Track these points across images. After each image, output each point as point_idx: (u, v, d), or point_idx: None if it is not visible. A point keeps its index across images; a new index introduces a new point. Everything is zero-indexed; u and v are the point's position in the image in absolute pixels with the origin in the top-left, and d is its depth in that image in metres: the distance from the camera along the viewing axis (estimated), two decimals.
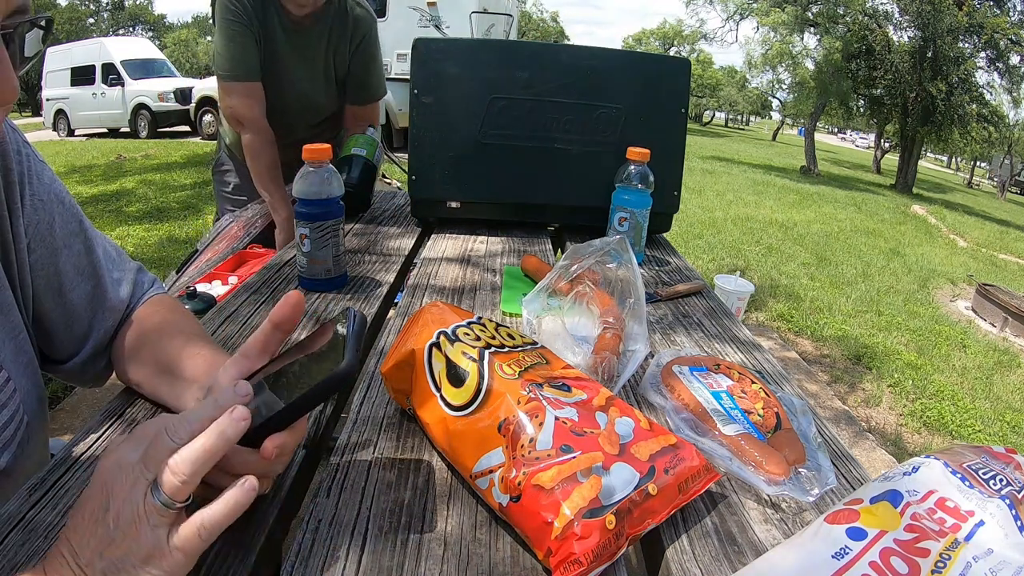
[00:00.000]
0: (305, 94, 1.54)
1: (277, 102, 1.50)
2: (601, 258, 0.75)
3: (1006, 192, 20.78)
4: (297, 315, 0.48)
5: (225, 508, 0.37)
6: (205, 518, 0.37)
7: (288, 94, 1.51)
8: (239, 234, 1.71)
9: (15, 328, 0.57)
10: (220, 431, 0.38)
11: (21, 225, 0.57)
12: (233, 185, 1.73)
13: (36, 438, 0.60)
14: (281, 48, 1.44)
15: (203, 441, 0.37)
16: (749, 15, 16.81)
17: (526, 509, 0.42)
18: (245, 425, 0.39)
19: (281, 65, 1.46)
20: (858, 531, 0.39)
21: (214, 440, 0.37)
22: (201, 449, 0.37)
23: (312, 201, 0.85)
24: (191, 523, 0.37)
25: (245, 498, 0.38)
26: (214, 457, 0.37)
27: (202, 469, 0.37)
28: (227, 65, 1.38)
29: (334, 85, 1.57)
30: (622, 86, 1.20)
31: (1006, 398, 3.09)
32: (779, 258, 5.14)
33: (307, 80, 1.52)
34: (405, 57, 7.93)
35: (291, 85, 1.50)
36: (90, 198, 5.52)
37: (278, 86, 1.48)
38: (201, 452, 0.37)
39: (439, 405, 0.51)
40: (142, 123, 11.07)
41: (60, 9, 29.37)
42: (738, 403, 0.60)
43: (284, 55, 1.45)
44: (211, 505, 0.37)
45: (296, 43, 1.46)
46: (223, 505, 0.37)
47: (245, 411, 0.39)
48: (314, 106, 1.58)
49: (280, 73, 1.47)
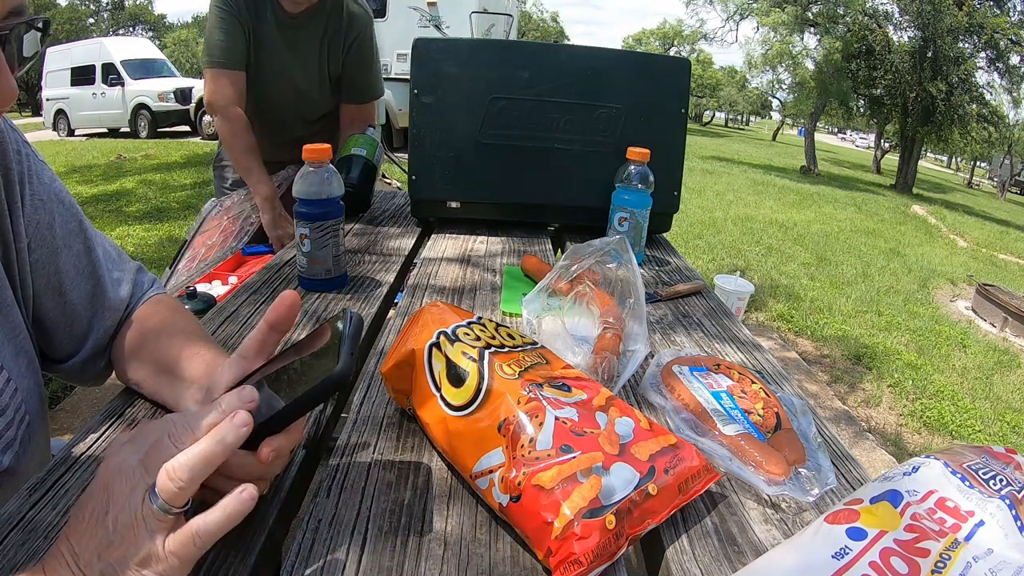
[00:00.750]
0: (299, 90, 1.54)
1: (271, 97, 1.51)
2: (601, 258, 0.75)
3: (1006, 192, 20.78)
4: (292, 315, 0.48)
5: (222, 517, 0.37)
6: (201, 526, 0.37)
7: (283, 89, 1.51)
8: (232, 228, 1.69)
9: (15, 328, 0.57)
10: (220, 437, 0.38)
11: (21, 224, 0.57)
12: (232, 180, 1.73)
13: (38, 437, 0.60)
14: (275, 43, 1.45)
15: (202, 447, 0.37)
16: (749, 15, 16.82)
17: (526, 509, 0.42)
18: (246, 432, 0.39)
19: (275, 60, 1.47)
20: (858, 531, 0.39)
21: (213, 447, 0.37)
22: (200, 455, 0.37)
23: (312, 201, 0.85)
24: (187, 530, 0.37)
25: (243, 508, 0.37)
26: (213, 463, 0.37)
27: (200, 475, 0.37)
28: (212, 52, 1.39)
29: (328, 82, 1.57)
30: (622, 86, 1.20)
31: (1006, 398, 3.09)
32: (779, 258, 5.14)
33: (302, 76, 1.52)
34: (405, 57, 7.93)
35: (286, 81, 1.51)
36: (90, 198, 5.52)
37: (272, 81, 1.49)
38: (199, 458, 0.37)
39: (439, 405, 0.51)
40: (142, 123, 11.07)
41: (60, 9, 29.36)
42: (738, 403, 0.60)
43: (278, 50, 1.46)
44: (208, 512, 0.37)
45: (290, 39, 1.46)
46: (220, 513, 0.37)
47: (247, 417, 0.39)
48: (309, 102, 1.59)
49: (274, 68, 1.48)
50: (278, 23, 1.43)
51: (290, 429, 0.43)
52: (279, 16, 1.43)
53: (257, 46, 1.44)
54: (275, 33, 1.44)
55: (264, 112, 1.51)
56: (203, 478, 0.37)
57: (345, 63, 1.55)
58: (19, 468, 0.56)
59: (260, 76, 1.47)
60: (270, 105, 1.51)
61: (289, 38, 1.46)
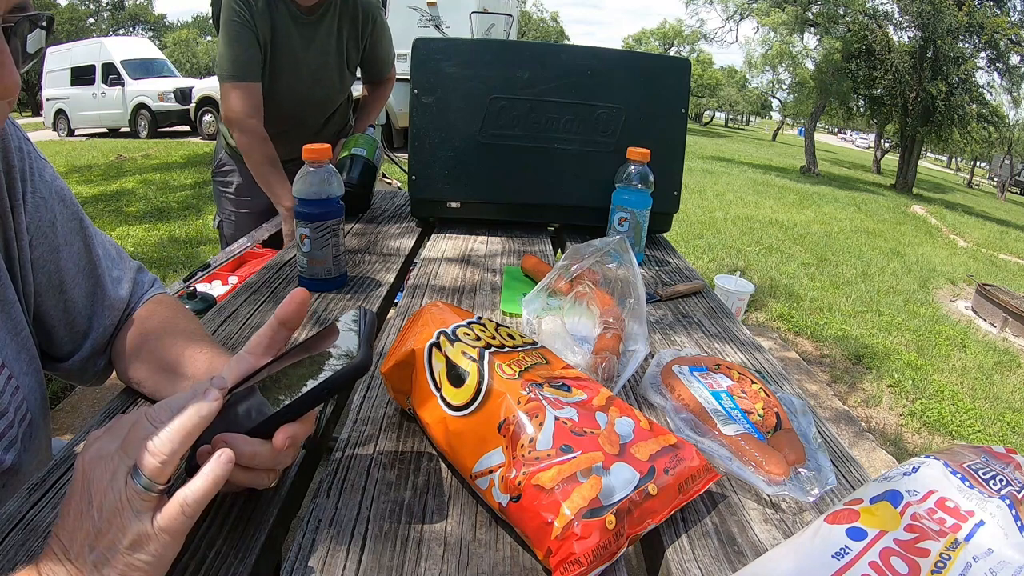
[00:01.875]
0: (319, 83, 1.57)
1: (292, 93, 1.52)
2: (601, 258, 0.75)
3: (1006, 192, 20.77)
4: (302, 313, 0.49)
5: (205, 482, 0.38)
6: (188, 494, 0.37)
7: (302, 84, 1.53)
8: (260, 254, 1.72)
9: (17, 325, 0.57)
10: (195, 409, 0.39)
11: (23, 222, 0.57)
12: (236, 185, 1.73)
13: (39, 435, 0.60)
14: (292, 39, 1.46)
15: (179, 420, 0.38)
16: (749, 15, 16.81)
17: (526, 509, 0.42)
18: (218, 405, 0.40)
19: (293, 57, 1.48)
20: (858, 531, 0.39)
21: (191, 418, 0.38)
22: (179, 428, 0.38)
23: (312, 201, 0.85)
24: (174, 502, 0.37)
25: (223, 470, 0.38)
26: (191, 435, 0.38)
27: (180, 448, 0.37)
28: (226, 66, 1.40)
29: (347, 73, 1.62)
30: (622, 86, 1.20)
31: (1006, 398, 3.09)
32: (779, 258, 5.14)
33: (320, 69, 1.55)
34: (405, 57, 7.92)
35: (306, 75, 1.53)
36: (90, 198, 5.52)
37: (292, 76, 1.50)
38: (179, 431, 0.37)
39: (439, 405, 0.51)
40: (142, 123, 11.07)
41: (60, 9, 29.35)
42: (738, 403, 0.60)
43: (295, 47, 1.48)
44: (191, 481, 0.38)
45: (306, 34, 1.48)
46: (202, 480, 0.38)
47: (218, 392, 0.40)
48: (327, 95, 1.62)
49: (292, 65, 1.49)
50: (293, 19, 1.45)
51: (304, 418, 0.44)
52: (293, 12, 1.44)
53: (274, 45, 1.45)
54: (292, 29, 1.45)
55: (283, 109, 1.52)
56: (183, 451, 0.38)
57: (365, 50, 1.62)
58: (21, 466, 0.56)
59: (279, 73, 1.48)
60: (292, 101, 1.53)
61: (305, 34, 1.48)
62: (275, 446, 0.42)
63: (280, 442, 0.42)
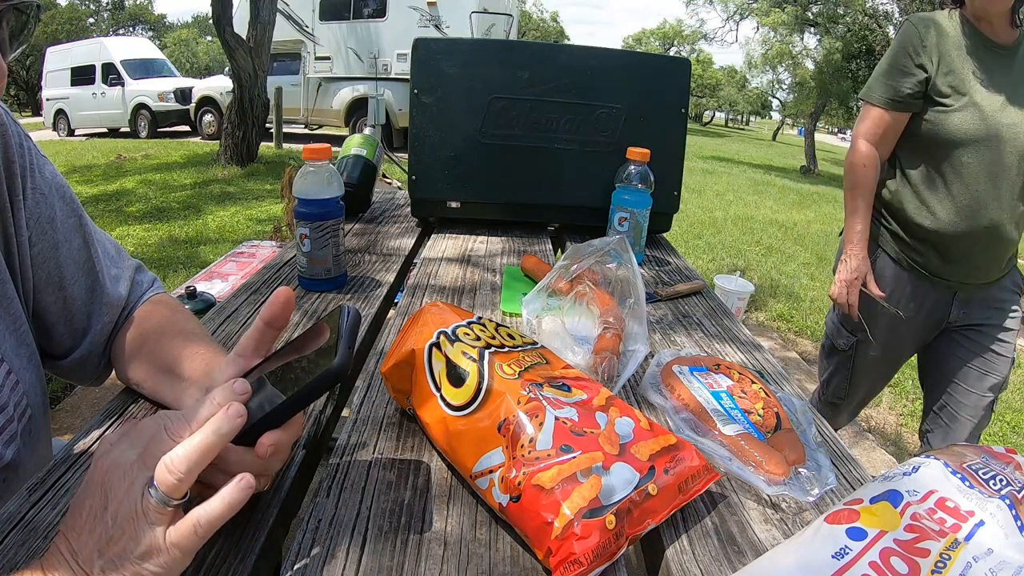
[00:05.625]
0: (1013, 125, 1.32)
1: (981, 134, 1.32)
2: (601, 258, 0.75)
3: None
4: (287, 312, 0.48)
5: (221, 505, 0.37)
6: (201, 515, 0.37)
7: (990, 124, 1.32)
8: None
9: (16, 321, 0.57)
10: (215, 428, 0.38)
11: (23, 218, 0.57)
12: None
13: (40, 432, 0.60)
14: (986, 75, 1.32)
15: (199, 438, 0.37)
16: (749, 15, 16.83)
17: (526, 509, 0.42)
18: (240, 422, 0.39)
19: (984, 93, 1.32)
20: (858, 531, 0.39)
21: (209, 437, 0.38)
22: (196, 446, 0.37)
23: (312, 201, 0.85)
24: (187, 520, 0.37)
25: (241, 496, 0.38)
26: (210, 454, 0.38)
27: (198, 466, 0.37)
28: (872, 84, 1.39)
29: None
30: (622, 86, 1.20)
31: (1006, 398, 3.09)
32: (779, 258, 5.14)
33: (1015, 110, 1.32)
34: (405, 57, 7.93)
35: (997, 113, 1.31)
36: (90, 198, 5.52)
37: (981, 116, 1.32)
38: (196, 449, 0.37)
39: (439, 405, 0.51)
40: (142, 123, 11.08)
41: (60, 9, 29.34)
42: (738, 403, 0.60)
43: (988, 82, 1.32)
44: (208, 502, 0.37)
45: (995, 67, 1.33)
46: (219, 502, 0.37)
47: (240, 408, 0.39)
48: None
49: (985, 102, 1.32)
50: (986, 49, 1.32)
51: (289, 424, 0.43)
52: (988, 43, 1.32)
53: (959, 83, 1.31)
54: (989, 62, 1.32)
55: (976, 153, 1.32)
56: (200, 469, 0.37)
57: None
58: (21, 462, 0.56)
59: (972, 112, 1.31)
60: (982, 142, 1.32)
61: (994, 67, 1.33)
62: (257, 454, 0.41)
63: (263, 450, 0.41)
